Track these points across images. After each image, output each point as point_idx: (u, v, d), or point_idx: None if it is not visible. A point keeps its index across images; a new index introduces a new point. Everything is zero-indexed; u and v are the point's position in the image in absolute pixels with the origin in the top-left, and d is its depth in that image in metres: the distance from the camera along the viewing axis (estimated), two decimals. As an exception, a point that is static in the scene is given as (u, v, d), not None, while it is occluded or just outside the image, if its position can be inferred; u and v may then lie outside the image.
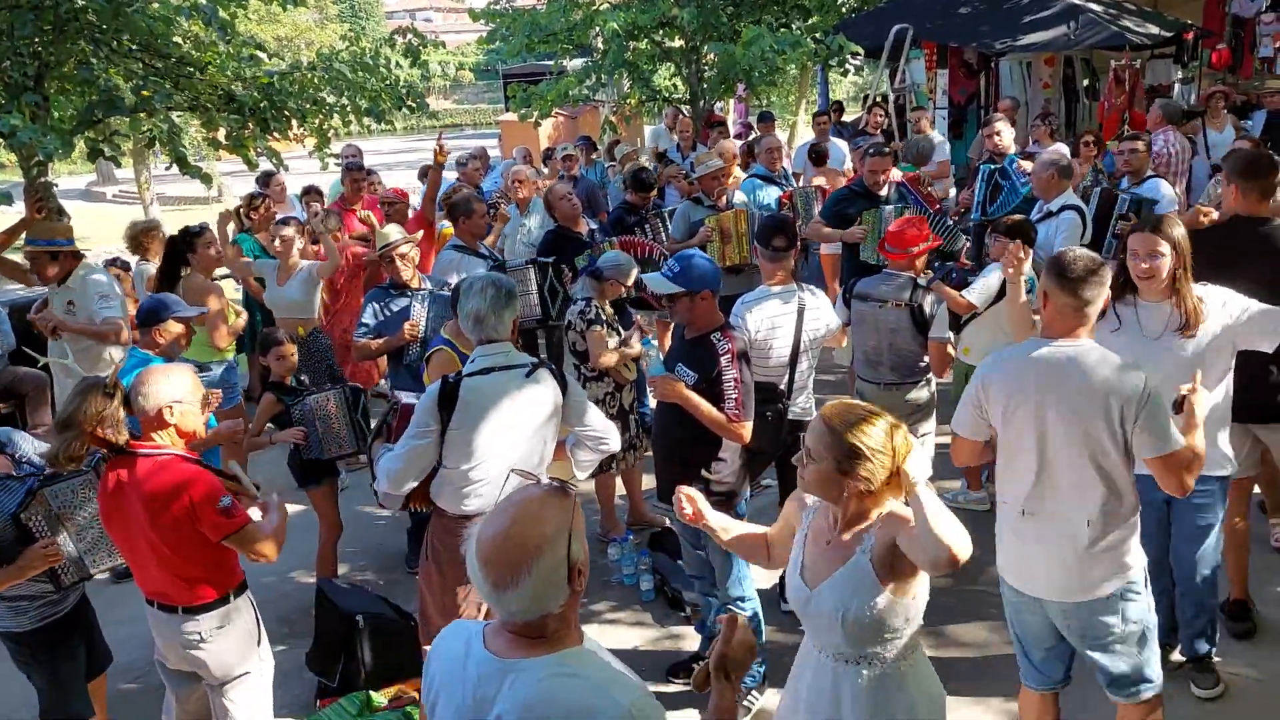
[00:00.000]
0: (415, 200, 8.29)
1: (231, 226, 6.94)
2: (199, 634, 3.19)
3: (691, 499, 2.80)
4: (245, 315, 6.31)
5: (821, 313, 4.43)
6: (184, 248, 5.68)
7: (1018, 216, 5.69)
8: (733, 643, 2.03)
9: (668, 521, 5.15)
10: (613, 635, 4.73)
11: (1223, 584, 4.11)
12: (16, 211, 6.12)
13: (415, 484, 3.56)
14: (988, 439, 3.15)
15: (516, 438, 3.47)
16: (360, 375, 6.96)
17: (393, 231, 5.76)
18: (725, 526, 2.86)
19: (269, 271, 6.49)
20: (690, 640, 4.62)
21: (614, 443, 3.71)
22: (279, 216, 7.15)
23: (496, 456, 3.46)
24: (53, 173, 5.70)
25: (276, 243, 6.39)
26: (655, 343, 4.50)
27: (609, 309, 5.24)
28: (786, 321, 4.27)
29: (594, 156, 11.23)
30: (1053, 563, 3.01)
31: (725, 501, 3.90)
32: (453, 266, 5.89)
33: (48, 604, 3.54)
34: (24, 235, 5.49)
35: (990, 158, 7.23)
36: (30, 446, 3.70)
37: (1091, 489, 2.94)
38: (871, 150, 6.57)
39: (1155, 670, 3.10)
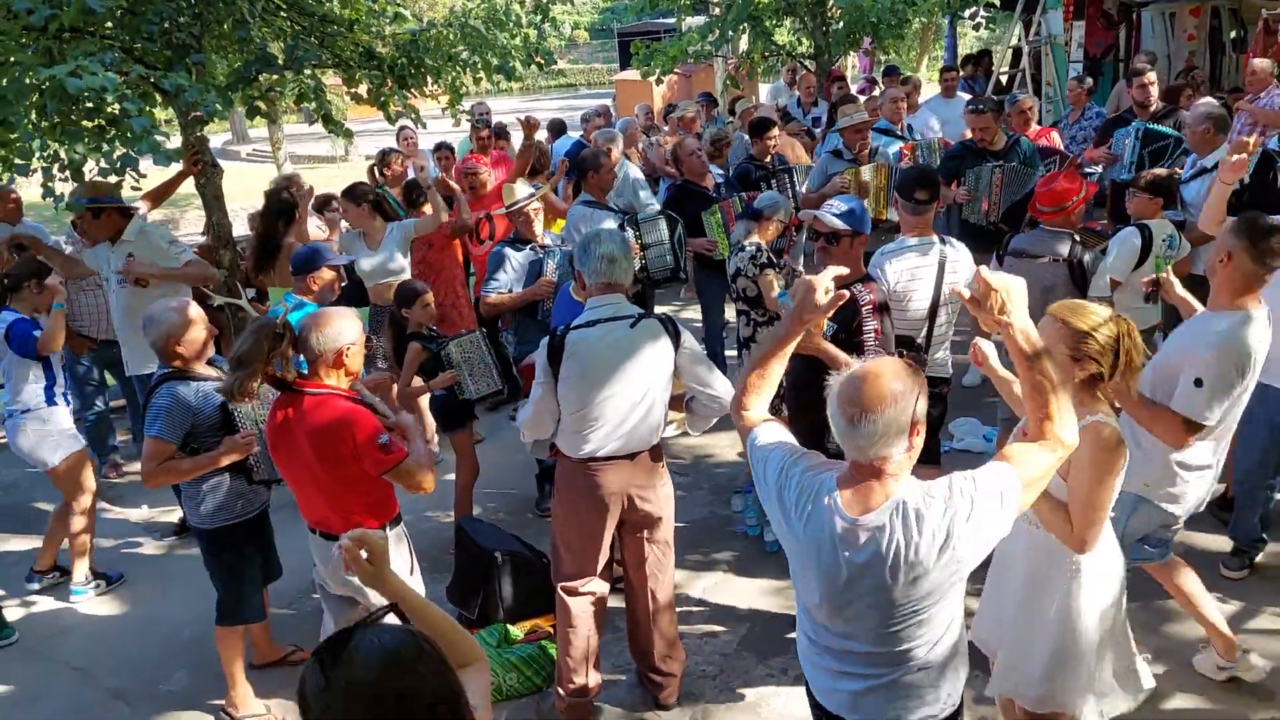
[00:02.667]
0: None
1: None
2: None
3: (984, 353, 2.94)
4: None
5: (961, 266, 4.37)
6: (286, 213, 5.85)
7: (1161, 171, 5.48)
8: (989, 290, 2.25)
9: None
10: (736, 585, 4.82)
11: None
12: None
13: (553, 429, 3.74)
14: None
15: (620, 386, 3.56)
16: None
17: (519, 189, 5.88)
18: (1006, 378, 3.07)
19: (351, 242, 6.20)
20: (815, 591, 4.66)
21: (728, 401, 3.66)
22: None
23: (601, 404, 3.57)
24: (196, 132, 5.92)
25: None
26: (790, 294, 4.49)
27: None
28: (926, 274, 4.23)
29: (714, 113, 11.18)
30: None
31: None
32: (584, 220, 5.98)
33: (235, 506, 3.94)
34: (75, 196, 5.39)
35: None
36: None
37: None
38: (971, 108, 6.42)
39: None
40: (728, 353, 6.69)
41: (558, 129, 10.78)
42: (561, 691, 3.85)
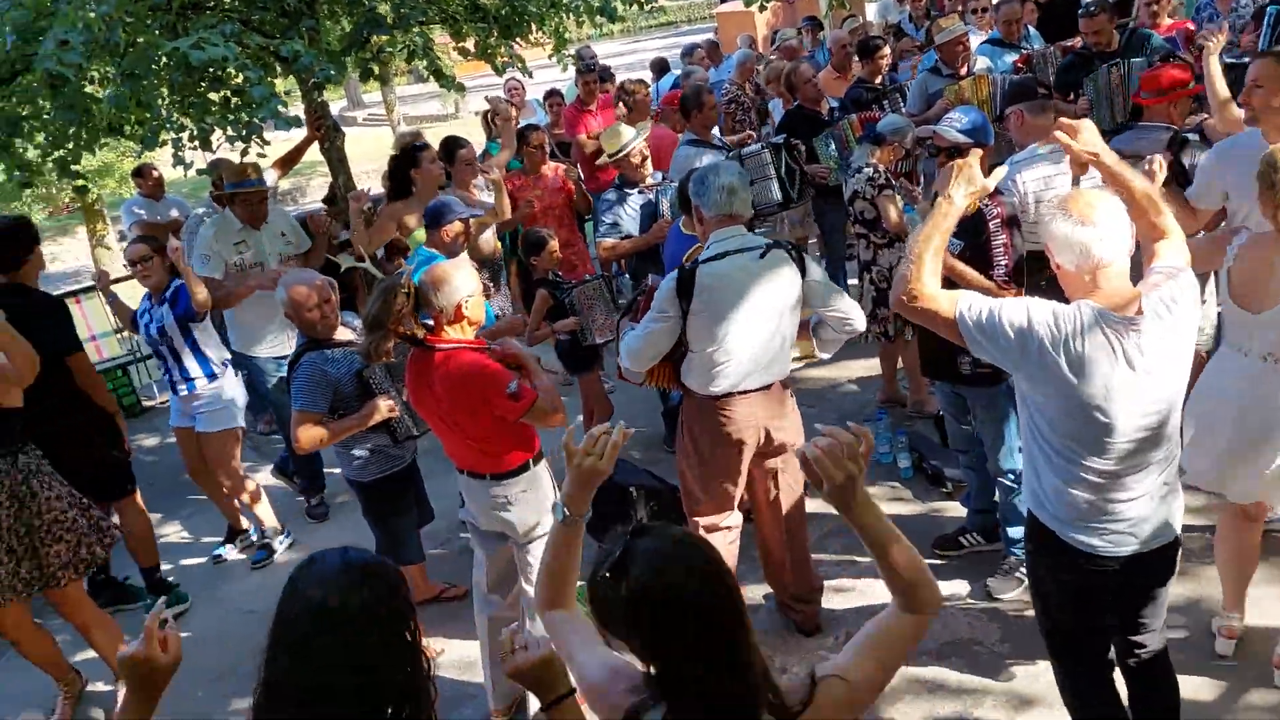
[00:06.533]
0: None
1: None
2: (506, 498, 3.51)
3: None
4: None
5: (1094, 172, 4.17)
6: (408, 165, 5.80)
7: None
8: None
9: (933, 399, 5.11)
10: (873, 510, 4.79)
11: None
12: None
13: (655, 362, 3.73)
14: None
15: (755, 319, 3.55)
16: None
17: (625, 131, 5.84)
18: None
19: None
20: (951, 514, 4.62)
21: (859, 322, 3.72)
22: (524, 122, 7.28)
23: (737, 338, 3.56)
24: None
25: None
26: (916, 209, 4.40)
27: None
28: (1061, 182, 4.03)
29: (820, 36, 10.86)
30: None
31: (990, 377, 3.82)
32: (690, 161, 5.91)
33: (386, 459, 4.12)
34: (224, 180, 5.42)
35: None
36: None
37: None
38: (1082, 11, 6.02)
39: None
40: (850, 281, 6.58)
41: (660, 68, 10.68)
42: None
